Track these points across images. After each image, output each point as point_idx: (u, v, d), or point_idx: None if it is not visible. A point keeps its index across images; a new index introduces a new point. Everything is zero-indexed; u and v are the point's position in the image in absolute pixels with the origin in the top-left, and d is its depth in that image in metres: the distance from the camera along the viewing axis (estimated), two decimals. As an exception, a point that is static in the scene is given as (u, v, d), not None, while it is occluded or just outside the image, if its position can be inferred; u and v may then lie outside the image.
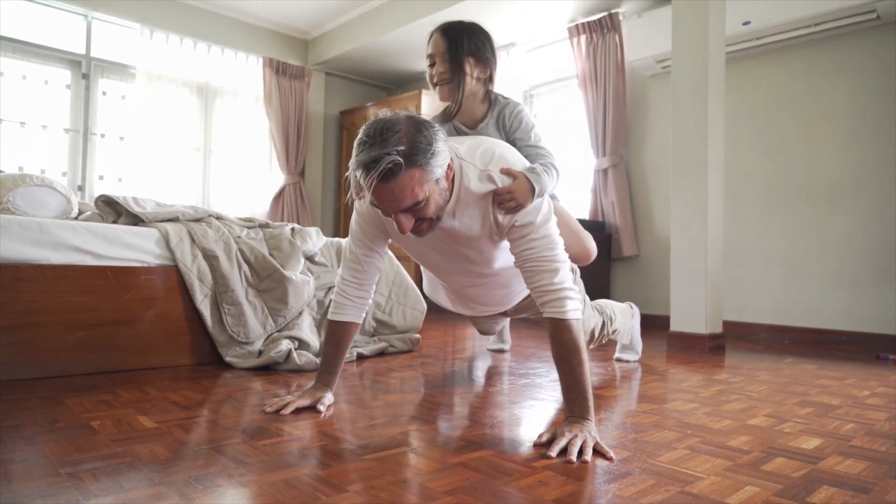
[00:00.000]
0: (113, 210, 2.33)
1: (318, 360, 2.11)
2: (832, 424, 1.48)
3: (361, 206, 1.50)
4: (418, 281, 2.93)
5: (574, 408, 1.29)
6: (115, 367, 2.00)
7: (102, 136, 4.49)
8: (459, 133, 1.65)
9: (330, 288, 2.49)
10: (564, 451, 1.18)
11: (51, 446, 1.18)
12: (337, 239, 2.75)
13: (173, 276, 2.15)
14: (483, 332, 2.45)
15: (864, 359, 2.67)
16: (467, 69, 1.60)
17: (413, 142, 1.17)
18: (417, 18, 4.44)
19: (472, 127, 1.64)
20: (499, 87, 1.69)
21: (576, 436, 1.21)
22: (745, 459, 1.19)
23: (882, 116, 3.11)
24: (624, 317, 2.27)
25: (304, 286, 2.36)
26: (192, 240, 2.23)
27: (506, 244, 1.47)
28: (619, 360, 2.41)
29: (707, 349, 2.79)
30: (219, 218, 2.46)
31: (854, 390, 1.93)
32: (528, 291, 1.84)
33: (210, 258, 2.22)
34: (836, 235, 3.25)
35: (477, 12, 4.15)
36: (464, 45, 1.58)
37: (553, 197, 1.73)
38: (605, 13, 4.08)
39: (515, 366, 2.30)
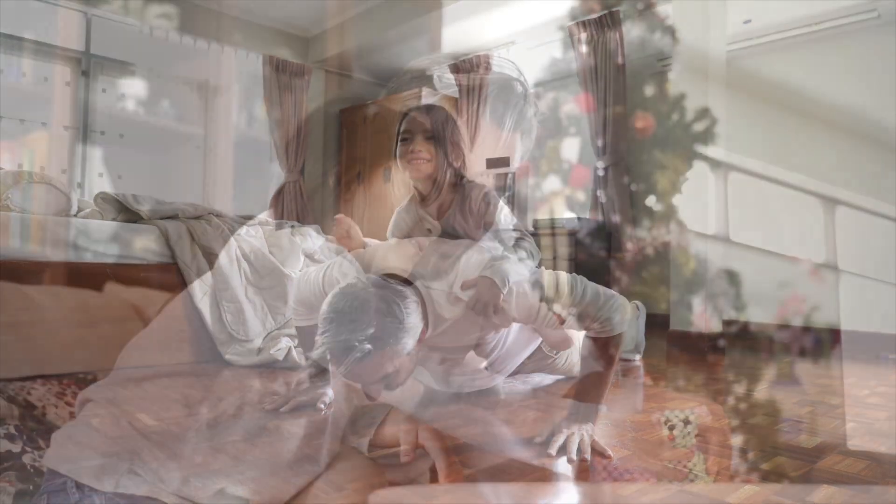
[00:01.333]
0: (112, 207, 2.32)
1: (317, 359, 2.11)
2: (832, 423, 1.48)
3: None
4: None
5: (581, 408, 1.29)
6: (114, 364, 1.99)
7: (102, 133, 4.48)
8: (423, 222, 1.54)
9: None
10: (563, 449, 1.18)
11: (50, 444, 1.17)
12: (337, 237, 2.75)
13: (173, 273, 2.15)
14: None
15: (863, 358, 2.66)
16: (449, 150, 1.49)
17: (383, 325, 1.12)
18: (418, 17, 4.42)
19: (439, 217, 1.52)
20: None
21: (573, 433, 1.21)
22: (744, 458, 1.19)
23: (883, 115, 3.10)
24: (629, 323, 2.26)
25: (303, 284, 2.36)
26: (192, 237, 2.23)
27: (495, 342, 1.43)
28: (619, 359, 2.41)
29: (707, 348, 2.79)
30: (218, 215, 2.45)
31: (854, 389, 1.93)
32: (518, 363, 1.78)
33: (209, 256, 2.21)
34: (835, 234, 3.25)
35: (477, 10, 4.14)
36: (444, 126, 1.49)
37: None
38: (605, 11, 4.07)
39: (515, 364, 2.29)
